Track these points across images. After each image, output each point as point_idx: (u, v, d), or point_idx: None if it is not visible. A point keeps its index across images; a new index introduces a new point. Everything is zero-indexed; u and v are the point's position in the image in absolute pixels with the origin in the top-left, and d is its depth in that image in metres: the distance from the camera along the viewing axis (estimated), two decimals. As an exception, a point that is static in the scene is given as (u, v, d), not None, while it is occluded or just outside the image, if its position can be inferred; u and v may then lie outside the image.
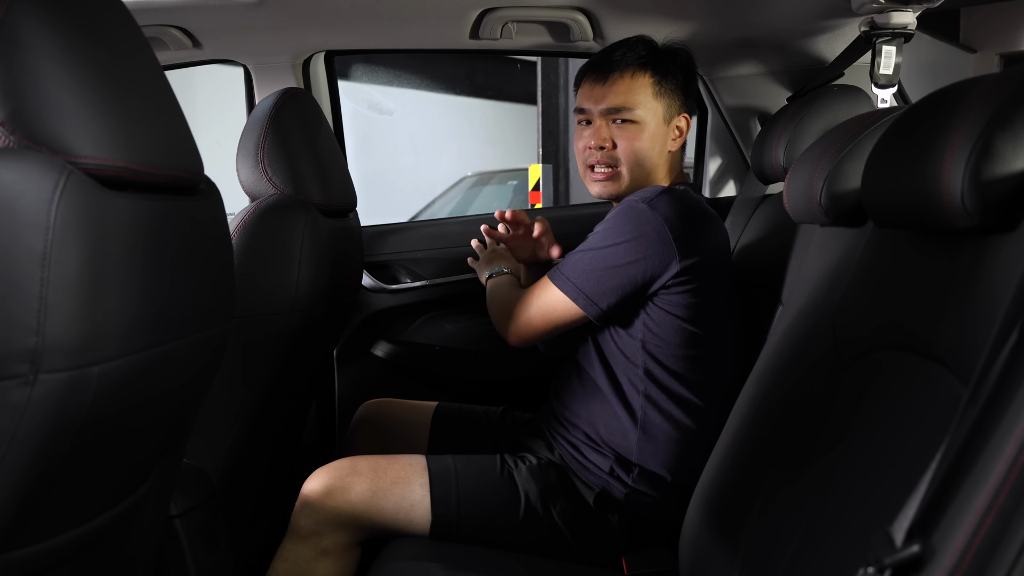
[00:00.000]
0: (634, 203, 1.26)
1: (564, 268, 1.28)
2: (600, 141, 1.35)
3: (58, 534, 0.72)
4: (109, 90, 0.68)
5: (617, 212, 1.28)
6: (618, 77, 1.35)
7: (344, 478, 1.25)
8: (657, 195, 1.26)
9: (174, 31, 1.62)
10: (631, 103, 1.34)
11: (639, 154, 1.35)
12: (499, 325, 1.38)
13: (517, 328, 1.33)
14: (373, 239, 1.94)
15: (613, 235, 1.25)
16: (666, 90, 1.36)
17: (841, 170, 0.97)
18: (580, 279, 1.26)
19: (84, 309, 0.63)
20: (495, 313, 1.40)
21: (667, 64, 1.36)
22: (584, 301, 1.25)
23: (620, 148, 1.35)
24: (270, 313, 1.26)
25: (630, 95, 1.34)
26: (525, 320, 1.32)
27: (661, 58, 1.37)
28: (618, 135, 1.35)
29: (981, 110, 0.63)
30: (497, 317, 1.39)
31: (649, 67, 1.35)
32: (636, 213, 1.24)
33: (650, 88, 1.35)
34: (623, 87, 1.35)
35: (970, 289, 0.65)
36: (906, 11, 1.45)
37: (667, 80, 1.36)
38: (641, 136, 1.34)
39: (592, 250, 1.26)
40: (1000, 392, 0.46)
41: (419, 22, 1.69)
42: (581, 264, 1.26)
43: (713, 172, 2.09)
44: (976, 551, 0.41)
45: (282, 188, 1.34)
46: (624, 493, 1.26)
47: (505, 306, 1.37)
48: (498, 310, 1.39)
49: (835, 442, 0.80)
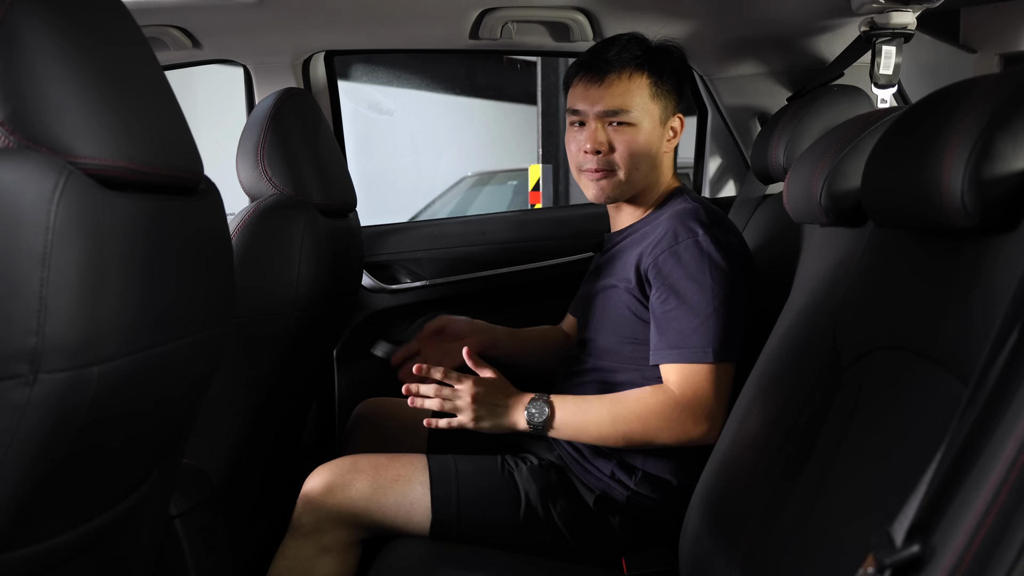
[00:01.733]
0: (689, 239, 1.22)
1: (694, 339, 1.18)
2: (597, 144, 1.31)
3: (58, 534, 0.72)
4: (109, 90, 0.68)
5: (689, 253, 1.22)
6: (615, 78, 1.31)
7: (345, 475, 1.25)
8: (696, 220, 1.24)
9: (174, 31, 1.62)
10: (629, 105, 1.30)
11: (636, 157, 1.31)
12: (675, 437, 1.19)
13: (707, 425, 1.17)
14: (373, 239, 1.94)
15: (700, 279, 1.20)
16: (662, 91, 1.33)
17: (841, 170, 0.97)
18: (717, 339, 1.17)
19: (84, 309, 0.63)
20: (648, 433, 1.19)
21: (663, 64, 1.34)
22: (733, 354, 1.19)
23: (618, 152, 1.31)
24: (270, 313, 1.26)
25: (627, 96, 1.31)
26: (707, 412, 1.17)
27: (657, 58, 1.34)
28: (615, 138, 1.31)
29: (981, 110, 0.63)
30: (659, 433, 1.19)
31: (646, 67, 1.32)
32: (702, 248, 1.21)
33: (647, 89, 1.32)
34: (620, 88, 1.31)
35: (970, 289, 0.65)
36: (906, 11, 1.45)
37: (663, 81, 1.33)
38: (638, 138, 1.31)
39: (700, 302, 1.19)
40: (1000, 392, 0.46)
41: (419, 22, 1.69)
42: (704, 323, 1.18)
43: (713, 172, 2.09)
44: (976, 551, 0.41)
45: (282, 188, 1.34)
46: (626, 496, 1.26)
47: (649, 420, 1.19)
48: (651, 426, 1.19)
49: (835, 442, 0.80)
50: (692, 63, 1.91)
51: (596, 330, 1.35)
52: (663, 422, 1.18)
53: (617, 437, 1.20)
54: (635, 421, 1.18)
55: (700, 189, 2.13)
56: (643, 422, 1.18)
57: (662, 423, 1.18)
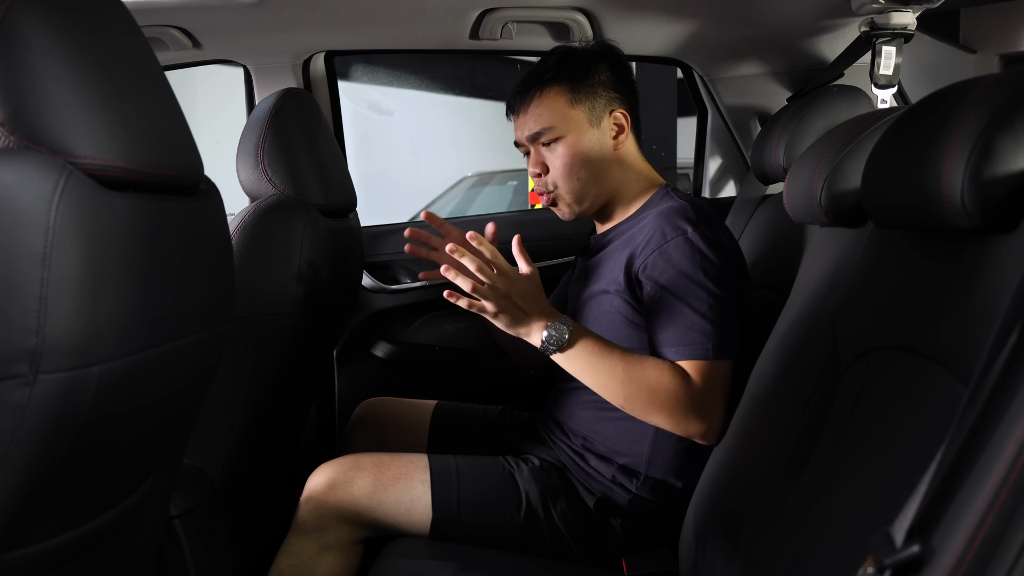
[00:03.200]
0: (679, 237, 1.19)
1: (692, 336, 1.15)
2: (536, 168, 1.32)
3: (58, 534, 0.72)
4: (109, 90, 0.68)
5: (680, 251, 1.19)
6: (531, 100, 1.31)
7: (348, 472, 1.25)
8: (684, 217, 1.21)
9: (174, 31, 1.62)
10: (546, 121, 1.29)
11: (572, 168, 1.29)
12: (673, 423, 1.14)
13: (707, 423, 1.14)
14: (373, 239, 1.94)
15: (693, 277, 1.17)
16: (583, 94, 1.29)
17: (841, 170, 0.97)
18: (715, 336, 1.15)
19: (84, 309, 0.63)
20: (649, 405, 1.14)
21: (577, 67, 1.30)
22: (730, 351, 1.17)
23: (551, 171, 1.30)
24: (270, 313, 1.26)
25: (544, 114, 1.29)
26: (707, 409, 1.14)
27: (570, 62, 1.30)
28: (548, 158, 1.31)
29: (981, 110, 0.63)
30: (659, 410, 1.14)
31: (559, 78, 1.29)
32: (693, 243, 1.18)
33: (563, 98, 1.29)
34: (537, 109, 1.30)
35: (970, 289, 0.65)
36: (906, 11, 1.45)
37: (583, 83, 1.29)
38: (568, 151, 1.28)
39: (695, 299, 1.16)
40: (1000, 392, 0.46)
41: (419, 22, 1.69)
42: (701, 319, 1.15)
43: (713, 172, 2.10)
44: (976, 551, 0.41)
45: (282, 188, 1.34)
46: (627, 500, 1.25)
47: (657, 394, 1.13)
48: (656, 400, 1.14)
49: (835, 442, 0.80)
50: (692, 63, 1.91)
51: None
52: (670, 404, 1.13)
53: (619, 395, 1.14)
54: (644, 389, 1.12)
55: (700, 189, 2.13)
56: (652, 394, 1.13)
57: (668, 405, 1.13)
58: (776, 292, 1.33)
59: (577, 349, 1.13)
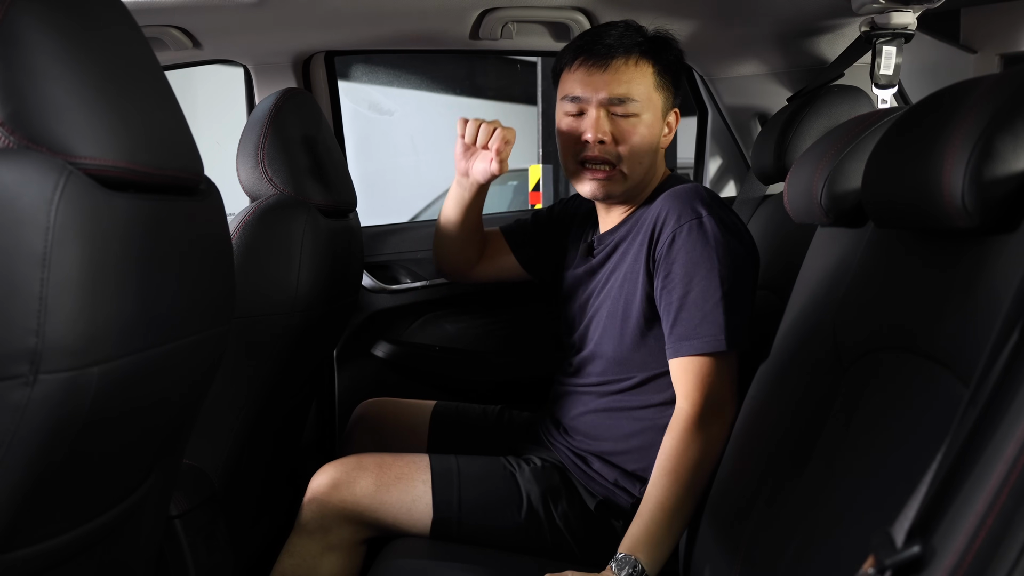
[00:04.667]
0: (693, 220, 1.17)
1: (705, 328, 1.13)
2: (600, 134, 1.23)
3: (58, 534, 0.72)
4: (109, 90, 0.68)
5: (694, 236, 1.16)
6: (621, 63, 1.23)
7: (350, 472, 1.25)
8: (698, 199, 1.19)
9: (174, 31, 1.62)
10: (634, 93, 1.23)
11: (640, 151, 1.24)
12: (712, 446, 1.12)
13: (723, 415, 1.13)
14: (373, 239, 1.94)
15: (707, 263, 1.14)
16: (665, 82, 1.27)
17: (841, 170, 0.97)
18: (728, 326, 1.13)
19: (84, 309, 0.63)
20: (702, 467, 1.11)
21: (665, 54, 1.28)
22: (743, 341, 1.15)
23: (622, 144, 1.24)
24: (270, 313, 1.26)
25: (633, 84, 1.23)
26: (721, 402, 1.13)
27: (659, 47, 1.28)
28: (619, 128, 1.24)
29: (981, 110, 0.63)
30: (699, 460, 1.11)
31: (650, 55, 1.26)
32: (709, 232, 1.16)
33: (652, 78, 1.25)
34: (627, 75, 1.23)
35: (970, 289, 0.65)
36: (906, 11, 1.45)
37: (666, 71, 1.28)
38: (642, 131, 1.24)
39: (709, 286, 1.14)
40: (1000, 393, 0.46)
41: (419, 22, 1.69)
42: (715, 308, 1.13)
43: (713, 172, 2.09)
44: (977, 552, 0.41)
45: (282, 188, 1.34)
46: (630, 503, 1.25)
47: (687, 459, 1.11)
48: (688, 466, 1.11)
49: (835, 442, 0.80)
50: (692, 63, 1.91)
51: (604, 343, 1.29)
52: (696, 447, 1.10)
53: (690, 497, 1.10)
54: (682, 474, 1.10)
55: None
56: (687, 466, 1.10)
57: (697, 448, 1.10)
58: (776, 292, 1.33)
59: (657, 556, 1.10)
